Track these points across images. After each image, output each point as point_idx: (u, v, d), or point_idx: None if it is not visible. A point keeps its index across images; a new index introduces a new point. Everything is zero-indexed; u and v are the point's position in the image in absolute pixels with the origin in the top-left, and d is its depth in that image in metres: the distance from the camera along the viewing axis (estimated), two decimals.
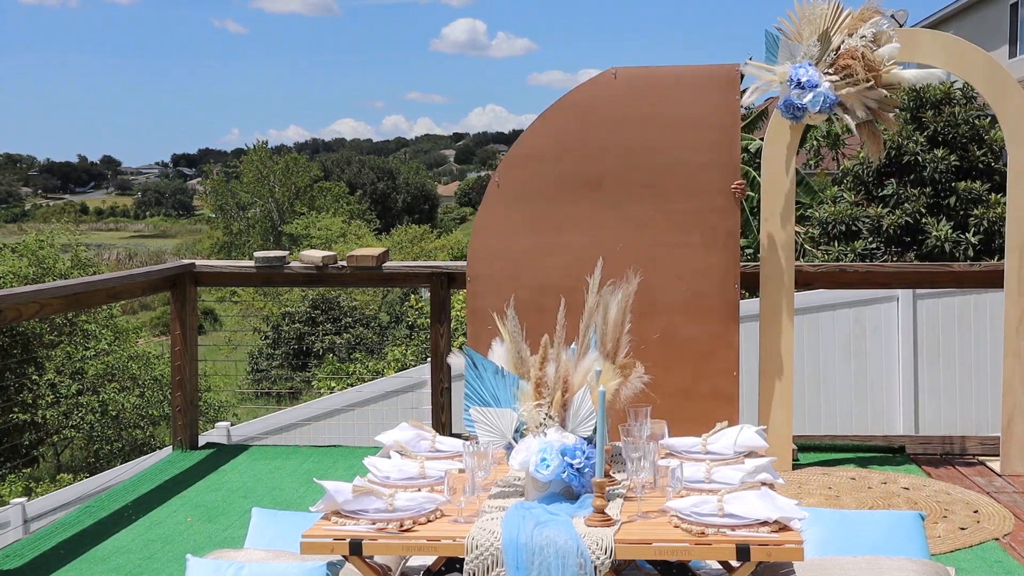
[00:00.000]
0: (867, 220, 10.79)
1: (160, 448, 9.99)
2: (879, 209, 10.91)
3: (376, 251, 5.82)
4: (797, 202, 10.23)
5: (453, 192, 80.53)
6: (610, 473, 3.23)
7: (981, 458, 5.45)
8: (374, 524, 2.88)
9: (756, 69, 4.97)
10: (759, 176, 5.54)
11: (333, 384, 12.33)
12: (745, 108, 13.45)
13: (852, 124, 4.91)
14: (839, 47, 4.86)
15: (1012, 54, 21.67)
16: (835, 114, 4.92)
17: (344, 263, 5.81)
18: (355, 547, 2.84)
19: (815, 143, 13.78)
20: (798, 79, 4.77)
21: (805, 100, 4.77)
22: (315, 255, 5.93)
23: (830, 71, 4.84)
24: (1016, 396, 5.13)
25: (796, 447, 5.44)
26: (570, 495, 3.01)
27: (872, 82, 4.84)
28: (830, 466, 5.33)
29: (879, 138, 5.03)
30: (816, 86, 4.77)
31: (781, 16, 5.01)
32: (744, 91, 5.08)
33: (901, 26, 5.09)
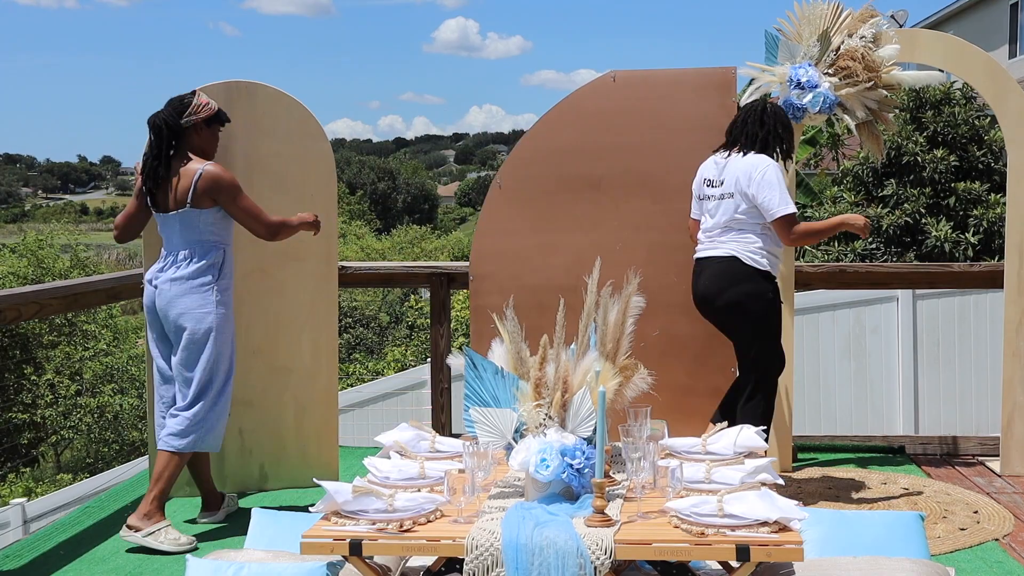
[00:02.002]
0: None
1: None
2: (879, 209, 10.91)
3: None
4: (797, 203, 10.25)
5: (453, 192, 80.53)
6: (610, 473, 3.23)
7: (981, 458, 5.45)
8: (374, 524, 2.88)
9: (756, 70, 4.97)
10: None
11: None
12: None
13: (852, 124, 4.91)
14: (839, 48, 4.86)
15: (1012, 54, 21.68)
16: (835, 115, 4.93)
17: (345, 264, 5.81)
18: (355, 547, 2.84)
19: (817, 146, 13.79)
20: (798, 79, 4.78)
21: (805, 100, 4.78)
22: None
23: (830, 71, 4.84)
24: (1016, 396, 5.13)
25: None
26: (570, 495, 3.01)
27: (872, 83, 4.84)
28: (830, 466, 5.33)
29: (879, 138, 5.03)
30: (816, 86, 4.77)
31: (780, 17, 5.01)
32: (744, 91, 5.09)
33: (901, 26, 5.10)
